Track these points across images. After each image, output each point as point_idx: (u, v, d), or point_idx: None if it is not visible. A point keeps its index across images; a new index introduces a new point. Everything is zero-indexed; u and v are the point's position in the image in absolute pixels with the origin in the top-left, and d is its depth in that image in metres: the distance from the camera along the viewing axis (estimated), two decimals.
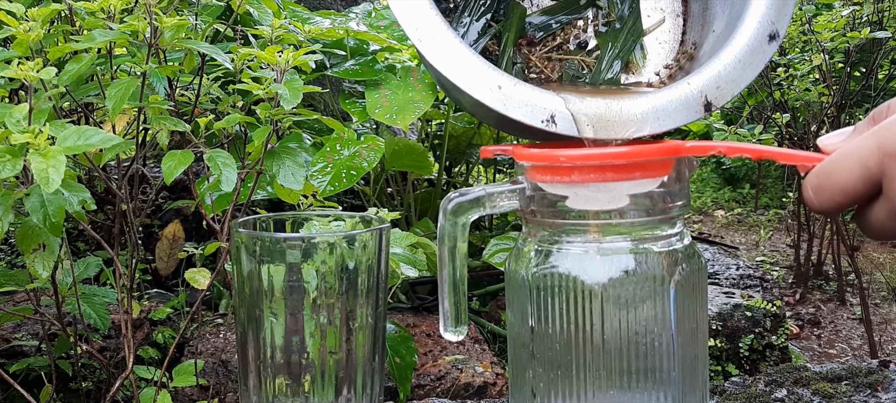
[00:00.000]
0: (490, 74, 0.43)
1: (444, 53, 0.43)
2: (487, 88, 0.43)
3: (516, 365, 0.49)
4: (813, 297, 2.42)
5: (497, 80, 0.43)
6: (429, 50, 0.43)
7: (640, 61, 0.51)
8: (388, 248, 0.48)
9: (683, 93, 0.44)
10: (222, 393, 1.07)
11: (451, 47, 0.43)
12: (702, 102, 0.45)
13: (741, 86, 0.46)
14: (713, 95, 0.45)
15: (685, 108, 0.44)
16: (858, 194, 0.37)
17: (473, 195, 0.47)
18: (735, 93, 0.45)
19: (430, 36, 0.43)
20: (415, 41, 0.44)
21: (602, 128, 0.44)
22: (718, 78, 0.45)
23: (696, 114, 0.45)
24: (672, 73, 0.51)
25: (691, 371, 0.46)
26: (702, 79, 0.45)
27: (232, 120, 0.75)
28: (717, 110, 0.46)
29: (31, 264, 0.58)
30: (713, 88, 0.45)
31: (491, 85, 0.43)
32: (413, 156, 1.37)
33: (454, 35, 0.44)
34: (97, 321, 0.88)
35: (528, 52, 0.51)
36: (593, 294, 0.45)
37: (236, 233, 0.45)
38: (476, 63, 0.43)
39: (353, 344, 0.48)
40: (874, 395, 0.60)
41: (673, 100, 0.44)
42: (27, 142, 0.52)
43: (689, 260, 0.46)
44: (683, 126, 0.48)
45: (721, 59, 0.45)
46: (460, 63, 0.43)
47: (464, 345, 1.22)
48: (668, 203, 0.46)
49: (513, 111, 0.43)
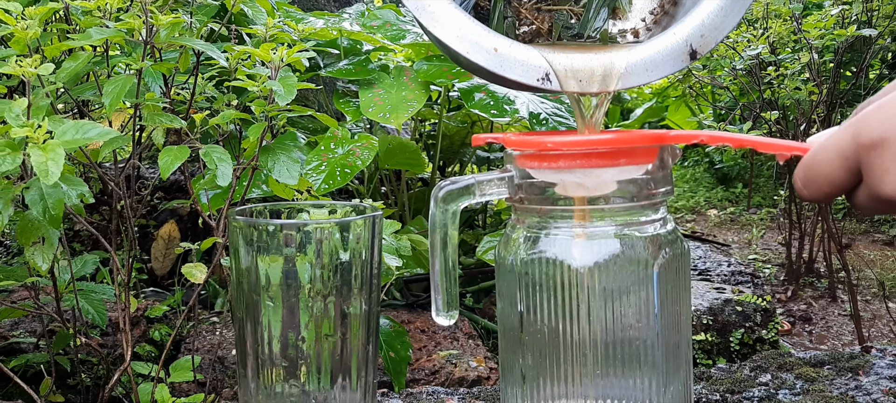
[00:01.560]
0: (486, 38, 0.45)
1: (442, 20, 0.45)
2: (485, 51, 0.45)
3: (507, 351, 0.50)
4: (804, 294, 2.44)
5: (493, 43, 0.45)
6: (427, 18, 0.45)
7: (627, 6, 0.53)
8: (381, 236, 0.49)
9: (669, 43, 0.46)
10: (219, 389, 1.08)
11: (447, 13, 0.45)
12: (687, 51, 0.46)
13: (724, 33, 0.47)
14: (697, 43, 0.46)
15: (671, 58, 0.46)
16: (842, 183, 0.39)
17: (463, 183, 0.48)
18: (718, 40, 0.47)
19: (426, 3, 0.45)
20: (412, 9, 0.45)
21: (592, 83, 0.45)
22: (702, 26, 0.47)
23: (682, 63, 0.46)
24: (657, 19, 0.52)
25: (675, 353, 0.48)
26: (686, 28, 0.46)
27: (227, 116, 0.77)
28: (702, 57, 0.47)
29: (31, 257, 0.59)
30: (697, 37, 0.47)
31: (488, 48, 0.45)
32: (407, 154, 1.38)
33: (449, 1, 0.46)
34: (95, 317, 0.89)
35: (518, 4, 0.53)
36: (580, 277, 0.46)
37: (234, 221, 0.47)
38: (472, 27, 0.45)
39: (348, 331, 0.49)
40: (855, 379, 0.62)
41: (660, 51, 0.46)
42: (26, 136, 0.53)
43: (672, 244, 0.48)
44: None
45: (703, 6, 0.47)
46: (457, 28, 0.45)
47: (458, 341, 1.23)
48: (653, 189, 0.47)
49: (509, 72, 0.45)
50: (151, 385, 0.94)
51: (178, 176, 1.86)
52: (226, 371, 1.12)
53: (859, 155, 0.37)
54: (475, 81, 1.33)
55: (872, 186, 0.36)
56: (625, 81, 0.46)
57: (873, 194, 0.37)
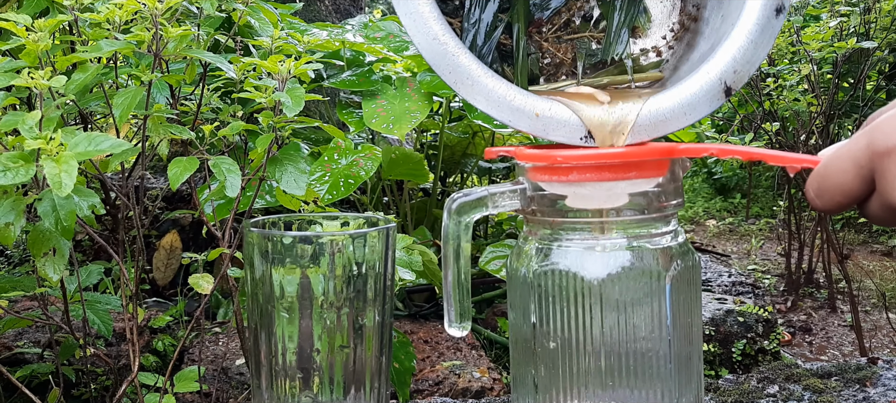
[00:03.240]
0: (524, 103, 0.46)
1: (480, 92, 0.46)
2: (527, 118, 0.46)
3: (519, 362, 0.50)
4: (804, 305, 2.44)
5: (532, 108, 0.46)
6: (466, 91, 0.46)
7: (646, 24, 0.53)
8: (395, 247, 0.49)
9: (704, 84, 0.47)
10: (224, 400, 1.08)
11: (484, 85, 0.46)
12: (722, 89, 0.47)
13: (755, 66, 0.48)
14: (731, 80, 0.47)
15: (708, 98, 0.47)
16: (856, 193, 0.39)
17: (476, 195, 0.48)
18: (751, 74, 0.48)
19: (464, 78, 0.46)
20: (451, 84, 0.46)
21: (636, 134, 0.46)
22: (734, 62, 0.47)
23: (718, 102, 0.47)
24: (678, 36, 0.53)
25: (686, 365, 0.48)
26: (718, 65, 0.47)
27: (235, 127, 0.77)
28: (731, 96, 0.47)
29: (42, 268, 0.59)
30: (730, 73, 0.47)
31: (529, 114, 0.46)
32: (410, 164, 1.38)
33: (485, 71, 0.46)
34: (101, 327, 0.89)
35: (539, 38, 0.53)
36: (592, 289, 0.46)
37: (249, 233, 0.47)
38: (509, 94, 0.46)
39: (362, 343, 0.50)
40: (863, 390, 0.62)
41: (696, 93, 0.47)
42: (39, 147, 0.54)
43: (684, 256, 0.48)
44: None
45: (733, 41, 0.47)
46: (496, 98, 0.46)
47: (461, 351, 1.23)
48: (664, 201, 0.47)
49: (553, 134, 0.46)
50: (157, 397, 0.94)
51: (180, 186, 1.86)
52: (230, 381, 1.11)
53: (873, 162, 0.37)
54: None
55: (886, 194, 0.37)
56: (668, 127, 0.47)
57: (886, 203, 0.37)
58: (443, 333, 1.32)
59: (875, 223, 0.41)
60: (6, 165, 0.53)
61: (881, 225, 0.41)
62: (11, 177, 0.52)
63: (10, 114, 0.58)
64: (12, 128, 0.56)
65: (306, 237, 0.46)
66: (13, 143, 0.59)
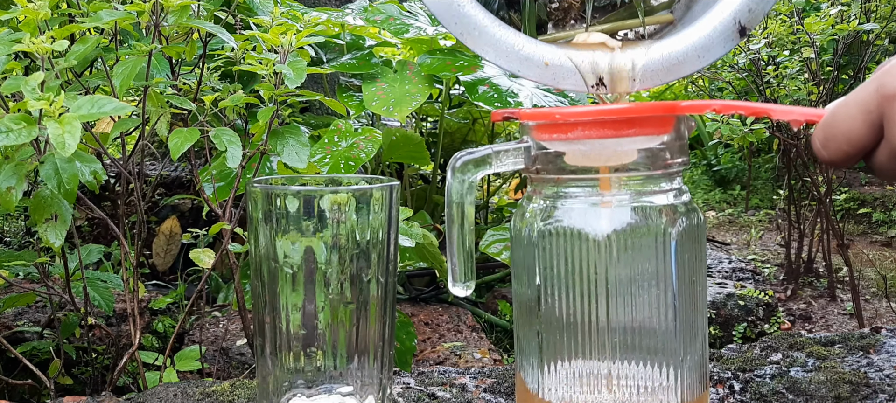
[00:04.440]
0: (534, 52, 0.45)
1: (487, 42, 0.45)
2: (536, 67, 0.45)
3: (523, 324, 0.50)
4: (804, 293, 2.44)
5: (543, 57, 0.45)
6: (472, 42, 0.45)
7: None
8: (399, 206, 0.49)
9: (717, 24, 0.46)
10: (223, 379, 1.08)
11: (491, 35, 0.45)
12: (736, 29, 0.46)
13: (770, 4, 0.47)
14: (746, 19, 0.46)
15: (722, 39, 0.46)
16: (863, 141, 0.38)
17: (481, 153, 0.48)
18: (766, 12, 0.47)
19: (470, 28, 0.45)
20: (457, 35, 0.45)
21: (649, 80, 0.45)
22: (748, 0, 0.46)
23: (732, 43, 0.46)
24: None
25: (691, 323, 0.48)
26: (731, 4, 0.46)
27: (237, 98, 0.77)
28: None
29: (44, 233, 0.59)
30: (745, 11, 0.46)
31: (538, 63, 0.45)
32: (410, 146, 1.38)
33: (492, 19, 0.46)
34: (102, 303, 0.89)
35: None
36: (597, 246, 0.46)
37: (252, 189, 0.47)
38: (518, 42, 0.45)
39: (367, 301, 0.49)
40: (866, 356, 0.62)
41: (709, 34, 0.46)
42: (42, 109, 0.53)
43: (689, 214, 0.48)
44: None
45: None
46: (504, 48, 0.45)
47: (461, 333, 1.23)
48: (669, 159, 0.47)
49: (563, 83, 0.45)
50: (158, 374, 0.94)
51: (179, 172, 1.86)
52: (230, 361, 1.11)
53: (882, 107, 0.36)
54: (478, 74, 1.34)
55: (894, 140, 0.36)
56: (681, 70, 0.46)
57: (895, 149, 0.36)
58: (443, 316, 1.31)
59: (882, 176, 0.40)
60: (8, 127, 0.53)
61: (888, 179, 0.40)
62: (14, 138, 0.52)
63: (13, 78, 0.57)
64: (15, 90, 0.56)
65: (309, 192, 0.46)
66: (16, 108, 0.58)
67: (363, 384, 0.50)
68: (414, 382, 0.61)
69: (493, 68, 1.36)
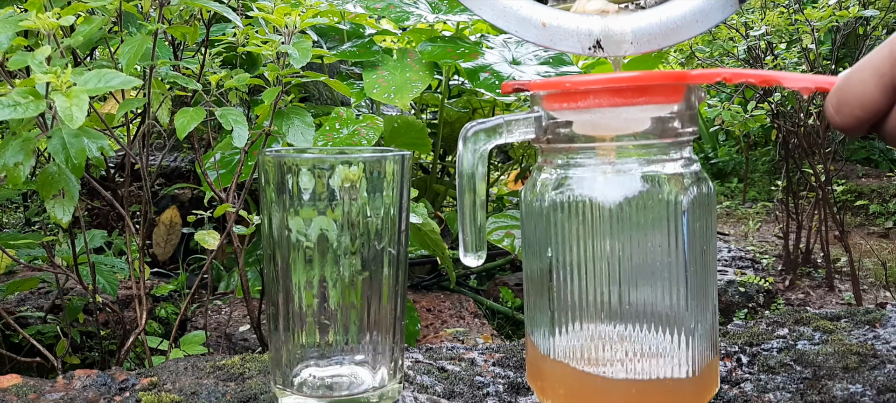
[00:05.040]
0: (532, 13, 0.45)
1: (488, 4, 0.45)
2: (534, 28, 0.45)
3: (533, 294, 0.50)
4: (802, 284, 2.45)
5: (540, 18, 0.45)
6: (472, 4, 0.45)
7: None
8: (411, 176, 0.49)
9: None
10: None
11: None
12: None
13: None
14: None
15: (721, 4, 0.46)
16: (877, 105, 0.38)
17: (492, 123, 0.48)
18: None
19: None
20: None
21: (646, 44, 0.45)
22: None
23: (731, 8, 0.46)
24: None
25: (703, 292, 0.48)
26: None
27: (241, 78, 0.77)
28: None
29: (52, 209, 0.59)
30: None
31: (535, 23, 0.45)
32: (412, 133, 1.38)
33: None
34: (106, 286, 0.89)
35: None
36: (609, 214, 0.46)
37: (263, 158, 0.47)
38: (518, 5, 0.45)
39: (380, 275, 0.49)
40: (873, 330, 0.62)
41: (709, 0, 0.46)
42: (49, 82, 0.53)
43: (699, 183, 0.48)
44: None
45: None
46: (501, 7, 0.45)
47: (464, 319, 1.23)
48: (680, 128, 0.47)
49: (560, 44, 0.45)
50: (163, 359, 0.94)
51: (179, 162, 1.85)
52: (233, 347, 1.11)
53: None
54: (479, 61, 1.34)
55: None
56: (679, 35, 0.46)
57: None
58: (445, 302, 1.32)
59: (893, 142, 0.40)
60: (16, 100, 0.52)
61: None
62: (21, 112, 0.52)
63: (20, 53, 0.57)
64: (22, 66, 0.56)
65: (323, 159, 0.46)
66: (23, 84, 0.58)
67: (375, 354, 0.50)
68: (423, 357, 0.61)
69: (493, 55, 1.36)
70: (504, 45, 1.38)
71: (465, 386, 0.55)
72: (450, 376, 0.57)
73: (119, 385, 0.54)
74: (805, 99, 1.90)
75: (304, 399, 0.49)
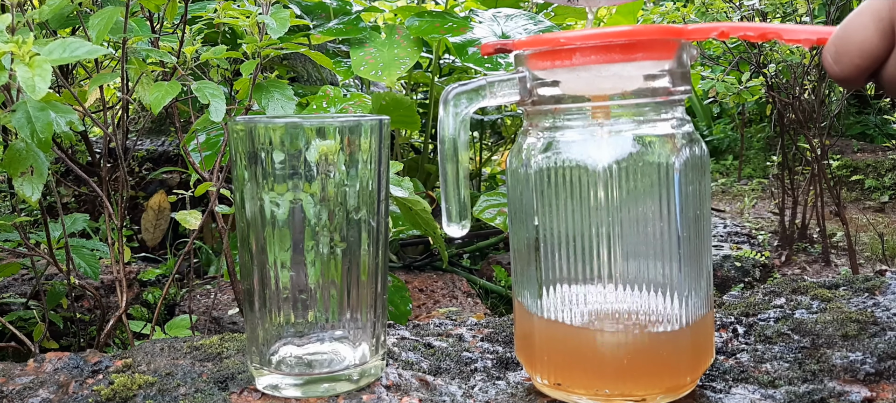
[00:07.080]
0: None
1: None
2: None
3: (521, 265, 0.48)
4: (798, 259, 2.44)
5: None
6: None
7: None
8: (389, 143, 0.47)
9: None
10: None
11: None
12: None
13: None
14: None
15: None
16: (876, 52, 0.37)
17: (474, 84, 0.46)
18: None
19: None
20: None
21: None
22: None
23: None
24: None
25: (696, 258, 0.46)
26: None
27: (219, 51, 0.74)
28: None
29: (20, 188, 0.57)
30: None
31: None
32: (401, 110, 1.36)
33: None
34: (88, 270, 0.87)
35: None
36: (598, 177, 0.44)
37: (233, 127, 0.44)
38: None
39: (358, 241, 0.47)
40: (872, 297, 0.61)
41: None
42: (11, 51, 0.51)
43: (691, 145, 0.46)
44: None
45: None
46: None
47: (456, 298, 1.21)
48: (671, 87, 0.45)
49: None
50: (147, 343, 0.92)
51: (166, 147, 1.83)
52: (221, 330, 1.09)
53: (894, 12, 0.35)
54: (468, 36, 1.31)
55: None
56: None
57: None
58: (438, 282, 1.30)
59: (890, 90, 0.38)
60: None
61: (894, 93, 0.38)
62: None
63: None
64: None
65: (295, 124, 0.44)
66: None
67: (356, 330, 0.48)
68: (409, 333, 0.59)
69: (482, 29, 1.34)
70: (493, 19, 1.35)
71: (451, 362, 0.53)
72: (436, 352, 0.55)
73: (92, 368, 0.52)
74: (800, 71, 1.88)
75: (282, 378, 0.47)
